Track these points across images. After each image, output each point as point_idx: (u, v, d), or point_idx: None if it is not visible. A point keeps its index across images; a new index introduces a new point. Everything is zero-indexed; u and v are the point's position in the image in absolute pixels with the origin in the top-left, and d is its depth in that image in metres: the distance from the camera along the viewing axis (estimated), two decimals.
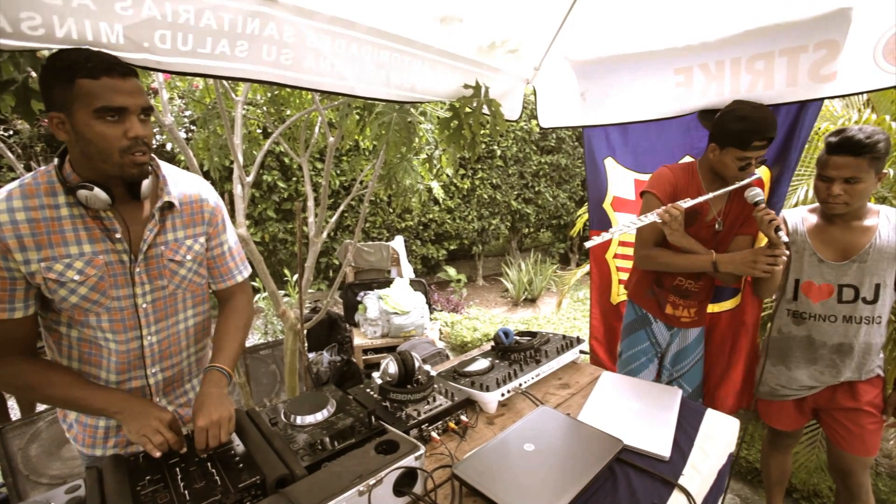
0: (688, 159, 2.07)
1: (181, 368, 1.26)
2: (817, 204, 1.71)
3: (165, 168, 1.18)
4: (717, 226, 1.73)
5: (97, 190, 0.99)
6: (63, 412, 1.23)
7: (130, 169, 1.02)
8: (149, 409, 1.07)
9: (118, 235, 1.06)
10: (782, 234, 1.49)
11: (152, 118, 1.07)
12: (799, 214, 1.72)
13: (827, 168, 1.53)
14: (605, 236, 1.62)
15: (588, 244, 1.69)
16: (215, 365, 1.19)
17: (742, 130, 1.56)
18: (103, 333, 1.10)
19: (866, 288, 1.56)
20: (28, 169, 4.15)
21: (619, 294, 2.48)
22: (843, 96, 1.70)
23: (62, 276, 1.01)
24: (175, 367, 1.24)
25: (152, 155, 1.11)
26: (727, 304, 2.01)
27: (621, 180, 2.34)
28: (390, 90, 1.66)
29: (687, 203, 1.63)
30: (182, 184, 1.20)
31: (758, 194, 1.57)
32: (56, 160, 1.03)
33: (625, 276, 2.44)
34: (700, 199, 1.64)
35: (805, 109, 1.69)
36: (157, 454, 0.99)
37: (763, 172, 1.82)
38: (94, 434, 1.19)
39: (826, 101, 1.84)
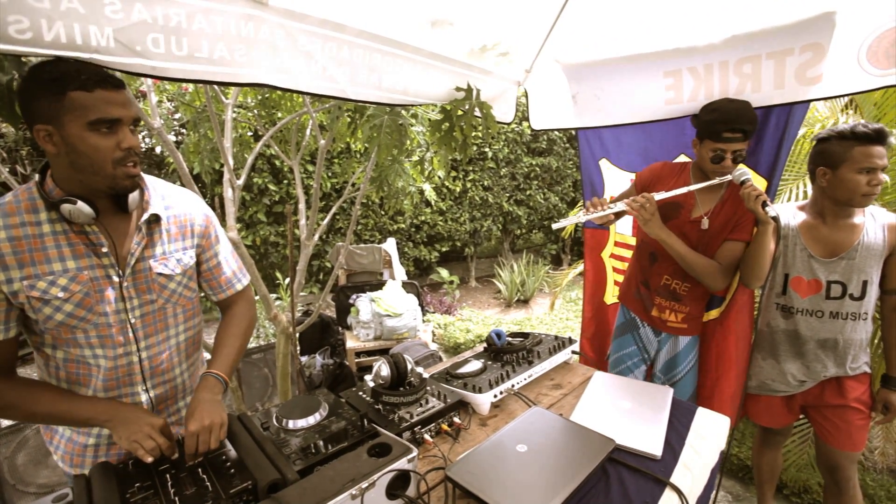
0: (682, 158, 2.09)
1: (174, 385, 1.23)
2: (805, 202, 1.73)
3: (150, 181, 1.16)
4: (702, 224, 1.74)
5: (81, 204, 0.97)
6: (49, 433, 1.20)
7: (123, 181, 1.01)
8: (139, 414, 1.05)
9: (104, 250, 1.04)
10: (770, 209, 1.49)
11: (141, 123, 1.05)
12: (789, 211, 1.74)
13: (871, 158, 1.49)
14: (571, 220, 1.66)
15: (555, 225, 1.68)
16: (211, 371, 1.17)
17: (712, 121, 1.60)
18: (92, 350, 1.07)
19: (853, 285, 1.59)
20: (13, 173, 4.09)
21: (613, 295, 2.49)
22: (828, 98, 1.73)
23: (46, 294, 0.98)
24: (167, 383, 1.21)
25: None
26: (713, 313, 1.95)
27: (617, 181, 2.35)
28: (382, 93, 1.66)
29: (661, 195, 1.64)
30: (169, 196, 1.18)
31: (744, 173, 1.58)
32: (37, 176, 1.01)
33: (620, 277, 2.45)
34: (675, 191, 1.66)
35: (793, 112, 1.71)
36: (149, 459, 0.97)
37: (758, 181, 1.81)
38: (84, 453, 1.16)
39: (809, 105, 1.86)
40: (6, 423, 2.81)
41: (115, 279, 1.07)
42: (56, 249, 1.00)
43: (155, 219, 1.13)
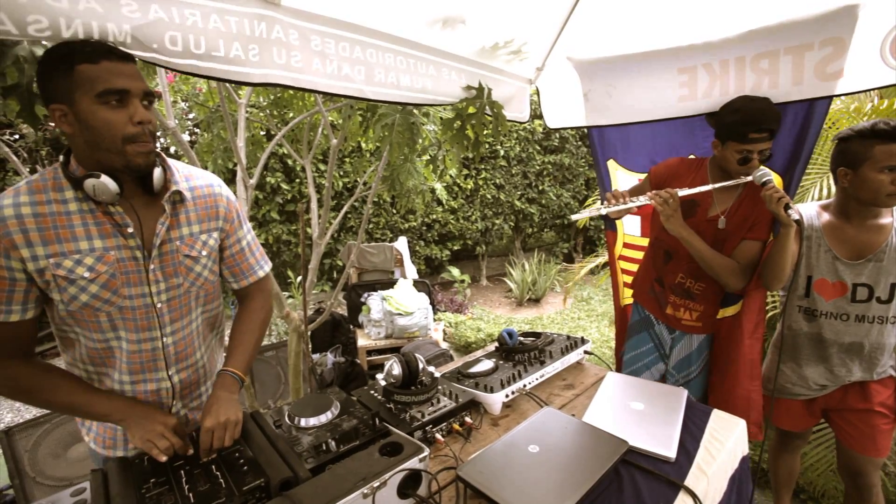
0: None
1: (196, 369, 1.23)
2: (829, 201, 1.68)
3: (173, 162, 1.14)
4: (719, 223, 1.71)
5: (104, 178, 0.95)
6: None
7: (136, 158, 0.98)
8: (153, 414, 1.06)
9: (130, 230, 1.03)
10: (792, 212, 1.45)
11: (156, 122, 1.05)
12: (813, 210, 1.68)
13: (894, 157, 1.42)
14: (591, 211, 1.62)
15: (574, 216, 1.66)
16: (227, 369, 1.18)
17: (736, 122, 1.56)
18: (115, 333, 1.07)
19: (881, 287, 1.54)
20: (34, 173, 4.18)
21: (623, 297, 2.46)
22: (849, 94, 1.68)
23: (72, 273, 0.98)
24: (190, 368, 1.21)
25: (158, 151, 1.08)
26: (730, 311, 1.90)
27: (625, 182, 2.32)
28: (401, 92, 1.65)
29: (684, 191, 1.62)
30: (193, 178, 1.17)
31: (766, 174, 1.54)
32: (61, 157, 1.02)
33: (628, 278, 2.41)
34: (698, 189, 1.63)
35: (814, 108, 1.67)
36: (163, 459, 0.99)
37: (774, 178, 1.78)
38: (115, 436, 1.17)
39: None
40: (28, 416, 2.88)
41: (142, 261, 1.06)
42: (83, 228, 0.99)
43: (179, 198, 1.11)
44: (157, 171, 1.05)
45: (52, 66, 0.93)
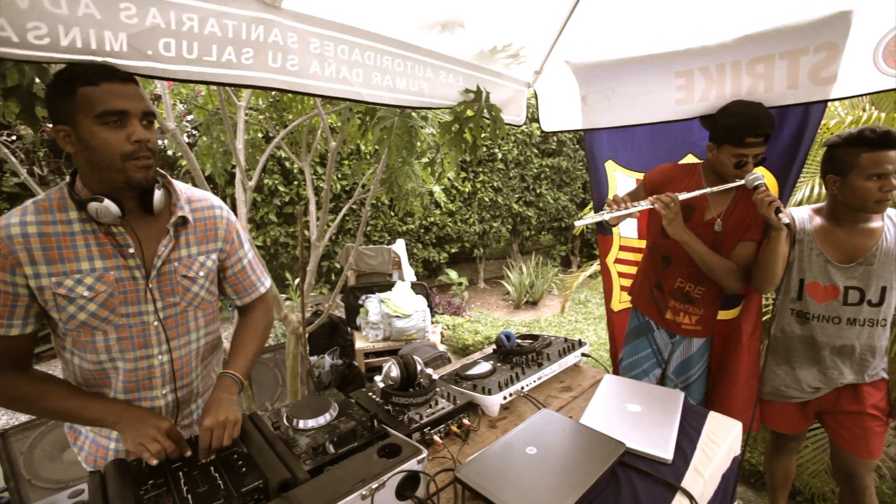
0: (690, 158, 2.07)
1: (191, 389, 1.24)
2: (821, 204, 1.70)
3: (177, 184, 1.17)
4: (716, 226, 1.73)
5: (107, 202, 0.99)
6: (73, 434, 1.21)
7: (135, 174, 1.01)
8: (146, 417, 1.06)
9: (131, 251, 1.06)
10: (783, 216, 1.46)
11: (156, 124, 1.07)
12: (805, 213, 1.70)
13: (881, 164, 1.44)
14: (594, 217, 1.64)
15: (578, 223, 1.69)
16: (228, 371, 1.19)
17: (734, 126, 1.58)
18: (109, 354, 1.08)
19: (872, 291, 1.55)
20: (31, 174, 4.17)
21: (619, 301, 2.46)
22: (843, 99, 1.70)
23: (72, 292, 1.00)
24: (185, 387, 1.22)
25: (163, 172, 1.12)
26: (728, 314, 1.93)
27: (624, 182, 2.33)
28: (396, 95, 1.66)
29: (684, 195, 1.64)
30: (195, 200, 1.20)
31: (757, 178, 1.56)
32: (67, 177, 1.05)
33: (626, 282, 2.42)
34: (696, 192, 1.64)
35: (810, 111, 1.69)
36: (154, 462, 0.98)
37: (769, 180, 1.80)
38: (106, 455, 1.18)
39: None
40: (23, 418, 2.87)
41: (141, 281, 1.08)
42: (85, 248, 1.02)
43: (182, 221, 1.15)
44: (159, 193, 1.08)
45: (56, 89, 0.96)
